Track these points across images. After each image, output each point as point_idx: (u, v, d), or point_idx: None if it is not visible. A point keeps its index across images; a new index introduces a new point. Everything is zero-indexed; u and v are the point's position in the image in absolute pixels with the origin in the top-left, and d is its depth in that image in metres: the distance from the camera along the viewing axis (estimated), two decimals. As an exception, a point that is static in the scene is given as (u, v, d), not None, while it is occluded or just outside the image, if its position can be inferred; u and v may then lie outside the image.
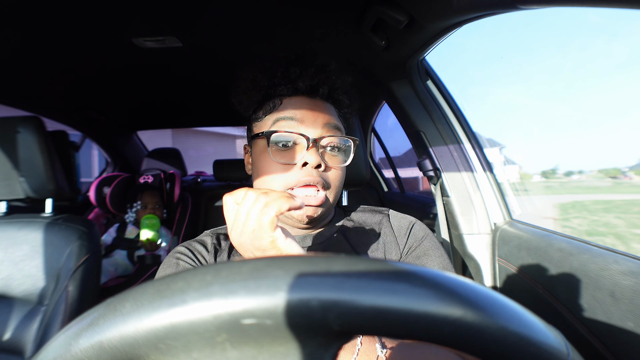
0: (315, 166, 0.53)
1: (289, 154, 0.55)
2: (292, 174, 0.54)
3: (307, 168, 0.53)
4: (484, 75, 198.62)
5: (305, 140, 0.54)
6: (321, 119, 0.56)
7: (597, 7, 0.46)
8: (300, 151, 0.54)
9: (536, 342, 0.18)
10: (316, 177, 0.53)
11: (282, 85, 0.58)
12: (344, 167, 0.58)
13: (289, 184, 0.54)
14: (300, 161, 0.53)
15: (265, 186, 0.55)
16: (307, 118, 0.55)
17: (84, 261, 1.01)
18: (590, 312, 0.65)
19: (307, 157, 0.53)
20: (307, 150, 0.53)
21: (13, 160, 1.01)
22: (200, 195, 2.30)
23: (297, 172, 0.54)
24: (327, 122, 0.56)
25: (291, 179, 0.54)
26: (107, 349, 0.18)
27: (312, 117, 0.56)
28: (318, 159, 0.53)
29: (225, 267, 0.19)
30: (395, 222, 0.62)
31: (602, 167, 31.12)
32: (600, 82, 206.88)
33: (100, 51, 1.12)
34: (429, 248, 0.59)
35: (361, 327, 0.18)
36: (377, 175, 2.31)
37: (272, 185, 0.55)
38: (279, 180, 0.54)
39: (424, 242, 0.60)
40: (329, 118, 0.57)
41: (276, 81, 0.58)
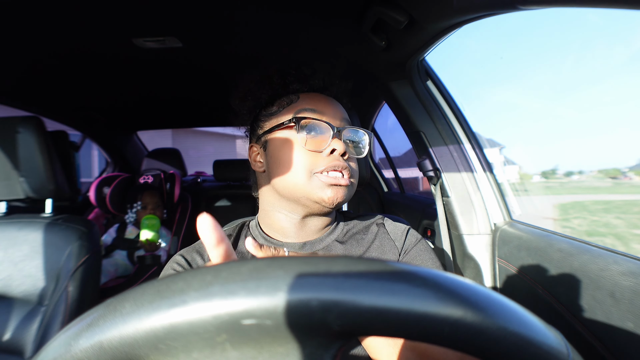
0: (341, 153, 0.56)
1: (316, 141, 0.56)
2: (321, 160, 0.56)
3: (334, 155, 0.56)
4: (484, 75, 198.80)
5: (331, 129, 0.56)
6: (339, 112, 0.60)
7: (597, 7, 0.46)
8: (325, 140, 0.56)
9: (536, 343, 0.18)
10: (344, 163, 0.56)
11: (296, 82, 0.61)
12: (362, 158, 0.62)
13: (315, 169, 0.55)
14: (328, 148, 0.56)
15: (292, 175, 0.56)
16: (328, 110, 0.58)
17: (84, 261, 1.00)
18: (590, 312, 0.65)
19: (333, 144, 0.55)
20: (333, 139, 0.56)
21: (13, 160, 1.01)
22: (200, 195, 2.30)
23: (324, 158, 0.56)
24: (343, 115, 0.60)
25: (320, 164, 0.55)
26: (107, 349, 0.18)
27: (332, 110, 0.59)
28: (344, 147, 0.56)
29: (225, 268, 0.19)
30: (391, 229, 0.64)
31: (601, 167, 31.07)
32: (600, 82, 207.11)
33: (100, 51, 1.12)
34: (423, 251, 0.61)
35: (361, 328, 0.18)
36: (377, 175, 2.31)
37: (299, 172, 0.56)
38: (307, 166, 0.55)
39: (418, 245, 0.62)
40: (344, 112, 0.61)
41: (289, 79, 0.61)
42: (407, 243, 0.62)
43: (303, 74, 0.61)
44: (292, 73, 0.61)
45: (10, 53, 1.09)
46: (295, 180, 0.56)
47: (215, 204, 2.33)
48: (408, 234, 0.63)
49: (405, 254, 0.61)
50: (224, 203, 2.33)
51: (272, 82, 0.62)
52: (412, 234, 0.64)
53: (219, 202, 2.33)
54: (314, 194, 0.55)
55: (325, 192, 0.54)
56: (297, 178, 0.56)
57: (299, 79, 0.61)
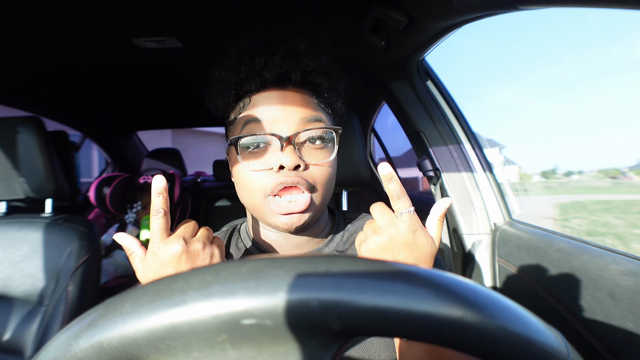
0: (292, 168, 0.47)
1: (263, 158, 0.49)
2: (270, 179, 0.48)
3: (284, 171, 0.48)
4: (484, 75, 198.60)
5: (277, 140, 0.48)
6: (295, 113, 0.50)
7: (597, 7, 0.46)
8: (274, 153, 0.49)
9: (536, 342, 0.18)
10: (295, 178, 0.47)
11: (248, 80, 0.51)
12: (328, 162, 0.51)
13: (267, 191, 0.49)
14: (276, 164, 0.48)
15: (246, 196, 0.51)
16: (278, 116, 0.49)
17: (84, 261, 1.00)
18: (590, 312, 0.65)
19: (282, 158, 0.47)
20: (282, 151, 0.47)
21: (13, 160, 1.01)
22: (200, 195, 2.30)
23: (274, 176, 0.48)
24: (303, 116, 0.50)
25: (268, 184, 0.48)
26: (107, 349, 0.18)
27: (284, 113, 0.49)
28: (295, 159, 0.47)
29: (225, 267, 0.19)
30: None
31: (601, 167, 31.02)
32: (599, 82, 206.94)
33: (100, 51, 1.12)
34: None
35: (361, 327, 0.18)
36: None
37: (250, 194, 0.50)
38: (257, 188, 0.49)
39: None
40: (304, 111, 0.50)
41: (242, 76, 0.52)
42: None
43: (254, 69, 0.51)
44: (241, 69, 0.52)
45: (10, 53, 1.09)
46: (252, 202, 0.51)
47: (215, 204, 2.32)
48: None
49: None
50: (224, 203, 2.33)
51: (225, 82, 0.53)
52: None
53: (219, 202, 2.33)
54: (269, 219, 0.50)
55: (279, 220, 0.49)
56: (252, 200, 0.51)
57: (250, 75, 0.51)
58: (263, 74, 0.50)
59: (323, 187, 0.51)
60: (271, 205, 0.49)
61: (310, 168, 0.50)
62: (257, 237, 0.58)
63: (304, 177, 0.49)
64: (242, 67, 0.52)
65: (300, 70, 0.52)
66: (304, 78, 0.52)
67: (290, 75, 0.51)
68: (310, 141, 0.50)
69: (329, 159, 0.51)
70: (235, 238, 0.61)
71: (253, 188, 0.50)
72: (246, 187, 0.51)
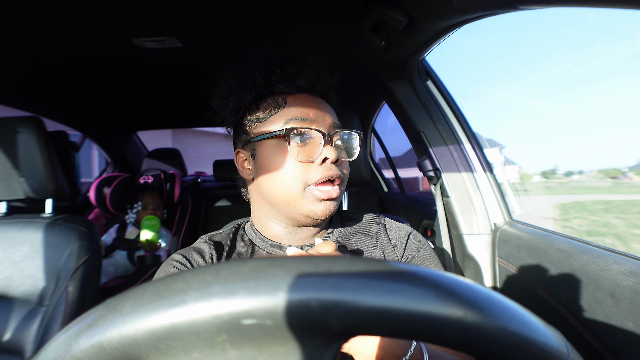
0: (334, 161, 0.54)
1: (307, 151, 0.54)
2: (313, 171, 0.54)
3: (326, 164, 0.54)
4: (483, 75, 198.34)
5: (322, 137, 0.54)
6: (328, 116, 0.57)
7: (597, 7, 0.46)
8: (316, 148, 0.54)
9: (536, 343, 0.18)
10: (336, 171, 0.54)
11: (281, 83, 0.57)
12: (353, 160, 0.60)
13: (310, 180, 0.54)
14: (320, 157, 0.54)
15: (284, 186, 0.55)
16: (317, 115, 0.56)
17: (84, 261, 1.00)
18: (590, 312, 0.65)
19: (325, 152, 0.53)
20: (324, 147, 0.54)
21: (13, 160, 1.01)
22: (200, 195, 2.30)
23: (317, 168, 0.54)
24: (333, 119, 0.58)
25: (313, 175, 0.54)
26: (107, 349, 0.18)
27: (321, 115, 0.56)
28: (336, 154, 0.54)
29: (225, 267, 0.19)
30: (392, 233, 0.63)
31: (602, 167, 30.97)
32: (600, 82, 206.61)
33: (100, 51, 1.12)
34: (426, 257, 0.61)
35: (361, 328, 0.18)
36: (377, 175, 2.30)
37: (292, 184, 0.54)
38: (301, 178, 0.54)
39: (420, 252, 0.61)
40: (332, 115, 0.59)
41: (273, 79, 0.57)
42: (408, 250, 0.61)
43: (288, 73, 0.57)
44: (276, 72, 0.57)
45: (10, 53, 1.09)
46: (289, 192, 0.54)
47: (215, 204, 2.33)
48: (409, 239, 0.62)
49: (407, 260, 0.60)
50: (224, 203, 2.33)
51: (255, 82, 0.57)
52: (414, 239, 0.62)
53: (219, 202, 2.33)
54: (306, 207, 0.54)
55: (317, 207, 0.54)
56: (290, 190, 0.54)
57: (284, 79, 0.57)
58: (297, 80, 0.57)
59: (346, 181, 0.60)
60: (314, 192, 0.54)
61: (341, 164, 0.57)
62: (264, 232, 0.61)
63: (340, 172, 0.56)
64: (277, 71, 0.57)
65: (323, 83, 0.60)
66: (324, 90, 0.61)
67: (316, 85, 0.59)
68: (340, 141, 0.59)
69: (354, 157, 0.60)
70: (240, 234, 0.63)
71: (296, 178, 0.54)
72: (287, 177, 0.54)
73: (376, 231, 0.63)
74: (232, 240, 0.62)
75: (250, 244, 0.61)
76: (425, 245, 0.62)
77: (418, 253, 0.61)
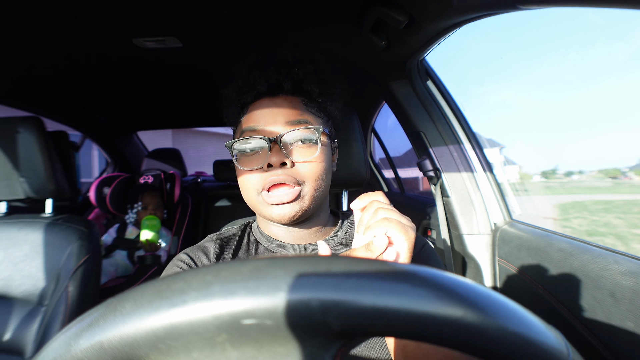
0: (278, 165, 0.53)
1: (254, 159, 0.55)
2: (260, 177, 0.54)
3: (272, 169, 0.53)
4: (484, 75, 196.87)
5: (265, 142, 0.53)
6: (281, 116, 0.55)
7: (597, 7, 0.46)
8: (264, 154, 0.54)
9: (536, 343, 0.18)
10: (282, 176, 0.53)
11: (245, 93, 0.59)
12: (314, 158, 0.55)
13: (259, 188, 0.54)
14: (265, 163, 0.53)
15: (244, 193, 0.58)
16: (267, 121, 0.55)
17: (84, 261, 1.00)
18: (590, 312, 0.65)
19: (269, 158, 0.53)
20: (270, 152, 0.53)
21: (13, 160, 1.01)
22: (201, 195, 2.30)
23: (263, 175, 0.54)
24: (289, 118, 0.55)
25: (259, 182, 0.54)
26: (107, 349, 0.18)
27: (272, 118, 0.55)
28: (280, 158, 0.53)
29: (225, 267, 0.19)
30: None
31: (602, 167, 30.96)
32: (600, 82, 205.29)
33: (100, 51, 1.12)
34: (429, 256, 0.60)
35: (361, 328, 0.18)
36: (377, 175, 2.30)
37: (247, 192, 0.56)
38: (251, 186, 0.55)
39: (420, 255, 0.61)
40: (290, 113, 0.56)
41: (241, 90, 0.59)
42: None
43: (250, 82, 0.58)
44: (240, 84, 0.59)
45: (10, 53, 1.09)
46: (248, 199, 0.58)
47: (215, 204, 2.32)
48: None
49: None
50: (224, 203, 2.33)
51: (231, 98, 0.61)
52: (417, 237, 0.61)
53: (219, 202, 2.33)
54: (265, 212, 0.55)
55: (273, 211, 0.54)
56: (248, 197, 0.57)
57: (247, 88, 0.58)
58: (257, 86, 0.57)
59: (313, 182, 0.55)
60: (264, 198, 0.54)
61: (298, 165, 0.54)
62: (266, 231, 0.62)
63: (292, 174, 0.54)
64: (240, 82, 0.59)
65: (290, 79, 0.57)
66: (295, 86, 0.58)
67: (281, 84, 0.57)
68: (298, 141, 0.55)
69: (313, 156, 0.55)
70: (247, 232, 0.65)
71: (247, 186, 0.56)
72: (242, 186, 0.57)
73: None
74: (240, 238, 0.63)
75: (255, 243, 0.62)
76: (427, 245, 0.62)
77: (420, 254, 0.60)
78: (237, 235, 0.63)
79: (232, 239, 0.62)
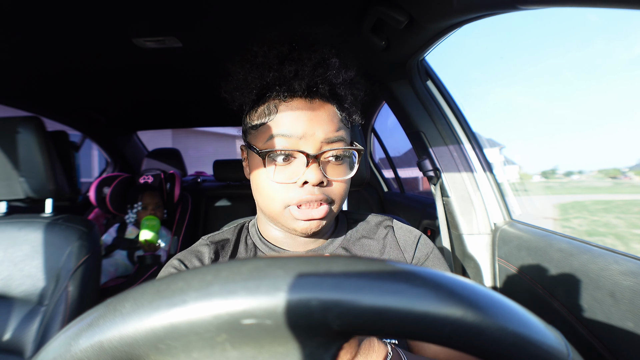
0: (316, 184, 0.49)
1: (288, 171, 0.51)
2: (293, 193, 0.50)
3: (307, 186, 0.50)
4: (484, 75, 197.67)
5: (304, 157, 0.49)
6: (322, 130, 0.50)
7: (597, 7, 0.46)
8: (299, 167, 0.50)
9: (536, 342, 0.18)
10: (318, 195, 0.50)
11: (276, 86, 0.51)
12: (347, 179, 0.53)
13: (288, 202, 0.50)
14: (301, 180, 0.49)
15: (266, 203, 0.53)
16: (306, 132, 0.50)
17: (84, 261, 1.00)
18: (590, 312, 0.65)
19: (307, 174, 0.49)
20: (307, 167, 0.49)
21: (13, 160, 1.01)
22: (200, 195, 2.30)
23: (297, 190, 0.50)
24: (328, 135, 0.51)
25: (291, 197, 0.50)
26: (107, 349, 0.18)
27: (311, 129, 0.50)
28: (319, 177, 0.49)
29: (225, 268, 0.19)
30: (401, 235, 0.61)
31: (601, 167, 30.96)
32: (599, 82, 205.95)
33: (100, 51, 1.12)
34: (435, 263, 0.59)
35: (361, 328, 0.18)
36: (377, 175, 2.31)
37: (272, 204, 0.52)
38: (279, 199, 0.51)
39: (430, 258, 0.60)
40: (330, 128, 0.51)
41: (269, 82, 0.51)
42: (417, 254, 0.59)
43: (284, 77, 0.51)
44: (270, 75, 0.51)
45: (10, 53, 1.09)
46: (270, 209, 0.53)
47: (215, 204, 2.33)
48: (418, 244, 0.60)
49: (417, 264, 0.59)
50: (224, 203, 2.33)
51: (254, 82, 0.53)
52: (424, 243, 0.61)
53: (219, 202, 2.33)
54: (288, 224, 0.52)
55: (298, 225, 0.51)
56: (270, 208, 0.52)
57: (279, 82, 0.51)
58: (293, 84, 0.50)
59: (340, 199, 0.53)
60: (293, 212, 0.50)
61: (330, 184, 0.52)
62: (266, 235, 0.60)
63: (325, 193, 0.51)
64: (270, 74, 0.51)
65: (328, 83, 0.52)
66: (331, 91, 0.53)
67: (318, 86, 0.51)
68: (333, 156, 0.52)
69: (349, 176, 0.53)
70: (244, 235, 0.62)
71: (275, 198, 0.51)
72: (267, 196, 0.52)
73: (383, 235, 0.61)
74: (235, 242, 0.60)
75: (253, 248, 0.59)
76: (435, 250, 0.61)
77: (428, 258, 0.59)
78: (233, 240, 0.60)
79: (227, 243, 0.60)
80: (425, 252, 0.60)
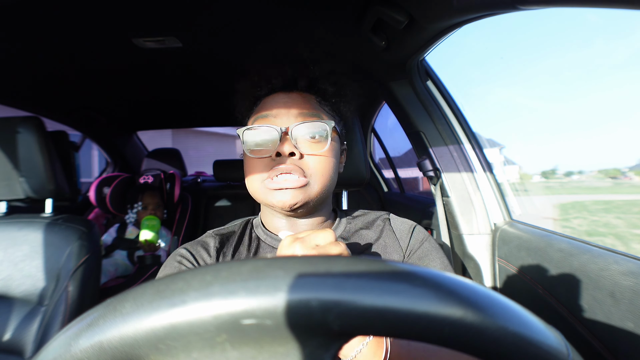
0: (288, 154, 0.53)
1: (261, 148, 0.56)
2: (267, 166, 0.55)
3: (281, 158, 0.54)
4: (484, 75, 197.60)
5: (276, 132, 0.54)
6: (295, 109, 0.57)
7: (597, 7, 0.46)
8: (274, 144, 0.55)
9: (536, 343, 0.18)
10: (290, 165, 0.53)
11: (260, 86, 0.60)
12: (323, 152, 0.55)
13: (264, 176, 0.55)
14: (274, 152, 0.54)
15: (249, 182, 0.58)
16: (280, 112, 0.56)
17: (84, 261, 1.00)
18: (590, 312, 0.65)
19: (279, 147, 0.53)
20: (280, 141, 0.54)
21: (13, 160, 1.01)
22: (200, 195, 2.30)
23: (270, 163, 0.55)
24: (301, 111, 0.56)
25: (266, 170, 0.55)
26: (107, 349, 0.18)
27: (285, 109, 0.56)
28: (290, 147, 0.53)
29: (225, 268, 0.19)
30: (397, 226, 0.63)
31: (601, 167, 30.87)
32: (599, 82, 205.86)
33: (100, 51, 1.12)
34: (430, 250, 0.60)
35: (361, 328, 0.18)
36: (377, 175, 2.30)
37: (252, 180, 0.57)
38: (257, 174, 0.56)
39: (424, 244, 0.61)
40: (303, 107, 0.57)
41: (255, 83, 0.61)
42: (412, 242, 0.61)
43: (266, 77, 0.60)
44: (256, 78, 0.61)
45: (10, 53, 1.09)
46: (252, 188, 0.58)
47: (215, 204, 2.32)
48: (414, 232, 0.62)
49: (411, 254, 0.60)
50: (224, 203, 2.33)
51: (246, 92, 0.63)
52: (418, 231, 0.62)
53: (219, 202, 2.33)
54: (267, 200, 0.55)
55: (274, 197, 0.54)
56: (251, 185, 0.58)
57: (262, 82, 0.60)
58: (272, 81, 0.59)
59: (320, 176, 0.56)
60: (267, 185, 0.54)
61: (306, 158, 0.55)
62: (268, 225, 0.63)
63: (299, 165, 0.54)
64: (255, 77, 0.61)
65: (306, 76, 0.59)
66: (310, 84, 0.60)
67: (296, 81, 0.59)
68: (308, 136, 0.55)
69: (322, 150, 0.56)
70: (249, 229, 0.65)
71: (253, 174, 0.56)
72: (248, 174, 0.58)
73: (381, 226, 0.63)
74: (240, 235, 0.63)
75: (256, 239, 0.62)
76: (430, 238, 0.62)
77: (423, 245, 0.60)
78: (238, 232, 0.63)
79: (233, 235, 0.62)
80: (419, 239, 0.61)
